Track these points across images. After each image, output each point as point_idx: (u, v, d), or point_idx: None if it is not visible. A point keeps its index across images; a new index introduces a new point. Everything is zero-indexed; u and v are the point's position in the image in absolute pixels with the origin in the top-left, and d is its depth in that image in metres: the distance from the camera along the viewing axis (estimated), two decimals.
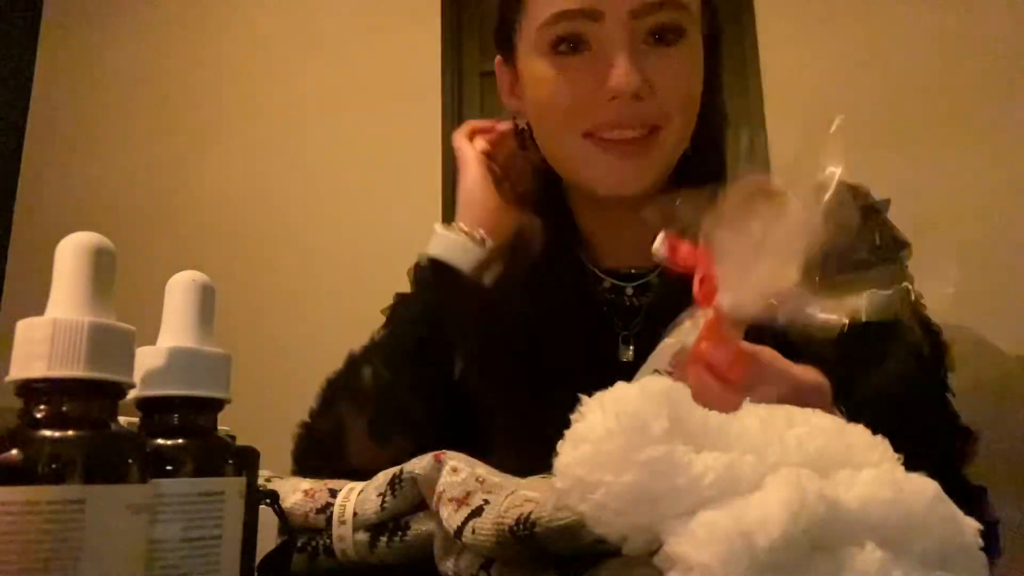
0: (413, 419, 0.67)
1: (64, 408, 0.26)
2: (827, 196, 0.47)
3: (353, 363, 0.73)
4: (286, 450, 0.73)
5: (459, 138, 0.75)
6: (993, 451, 0.66)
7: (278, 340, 2.11)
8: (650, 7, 0.60)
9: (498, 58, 0.72)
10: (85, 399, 0.26)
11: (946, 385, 0.63)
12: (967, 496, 0.61)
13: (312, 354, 2.09)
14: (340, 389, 0.72)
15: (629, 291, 0.69)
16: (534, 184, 0.73)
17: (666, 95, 0.61)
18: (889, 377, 0.59)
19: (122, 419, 0.28)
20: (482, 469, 0.45)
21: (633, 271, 0.69)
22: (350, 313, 2.12)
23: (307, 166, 2.23)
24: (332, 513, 0.48)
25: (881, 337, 0.59)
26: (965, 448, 0.62)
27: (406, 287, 0.75)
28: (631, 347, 0.66)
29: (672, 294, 0.51)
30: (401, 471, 0.48)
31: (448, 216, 2.42)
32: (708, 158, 0.66)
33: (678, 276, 0.45)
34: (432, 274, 0.70)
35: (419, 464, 0.47)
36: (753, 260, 0.42)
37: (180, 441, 0.30)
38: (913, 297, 0.60)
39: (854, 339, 0.56)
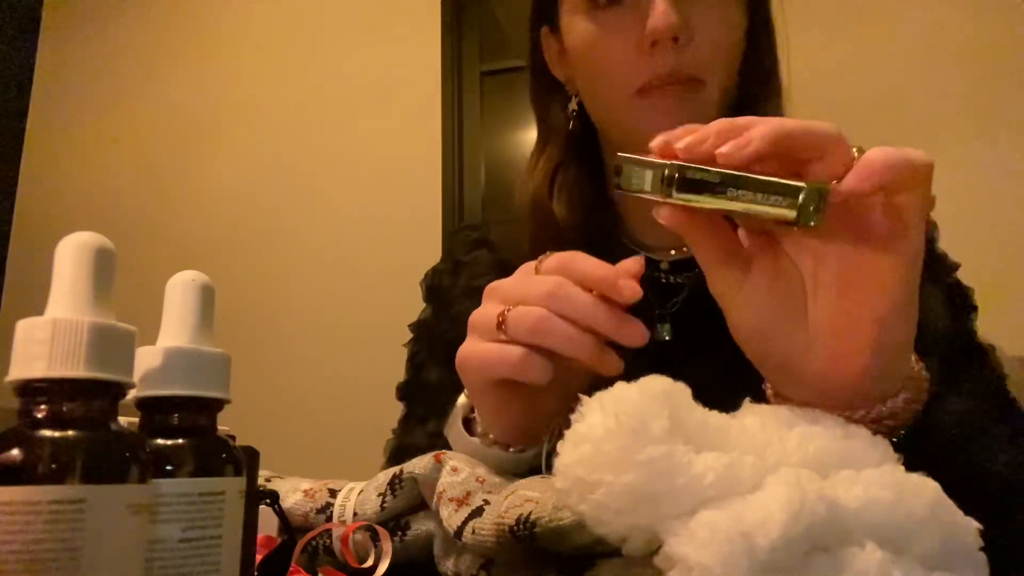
0: None
1: (64, 408, 0.26)
2: None
3: None
4: (286, 450, 0.73)
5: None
6: None
7: (278, 340, 2.11)
8: None
9: (544, 28, 0.70)
10: (85, 399, 0.26)
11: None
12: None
13: (312, 354, 2.09)
14: None
15: (664, 266, 0.66)
16: (565, 156, 0.70)
17: (706, 41, 0.59)
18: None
19: (122, 419, 0.28)
20: (482, 469, 0.45)
21: (673, 251, 0.67)
22: (350, 313, 2.12)
23: (307, 166, 2.23)
24: (332, 513, 0.48)
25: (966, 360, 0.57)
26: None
27: (406, 287, 0.74)
28: (667, 324, 0.63)
29: None
30: (401, 471, 0.48)
31: (448, 215, 2.39)
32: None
33: None
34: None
35: (419, 464, 0.47)
36: None
37: (180, 441, 0.30)
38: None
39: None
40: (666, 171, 0.36)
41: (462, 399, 0.52)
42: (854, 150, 0.34)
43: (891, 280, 0.34)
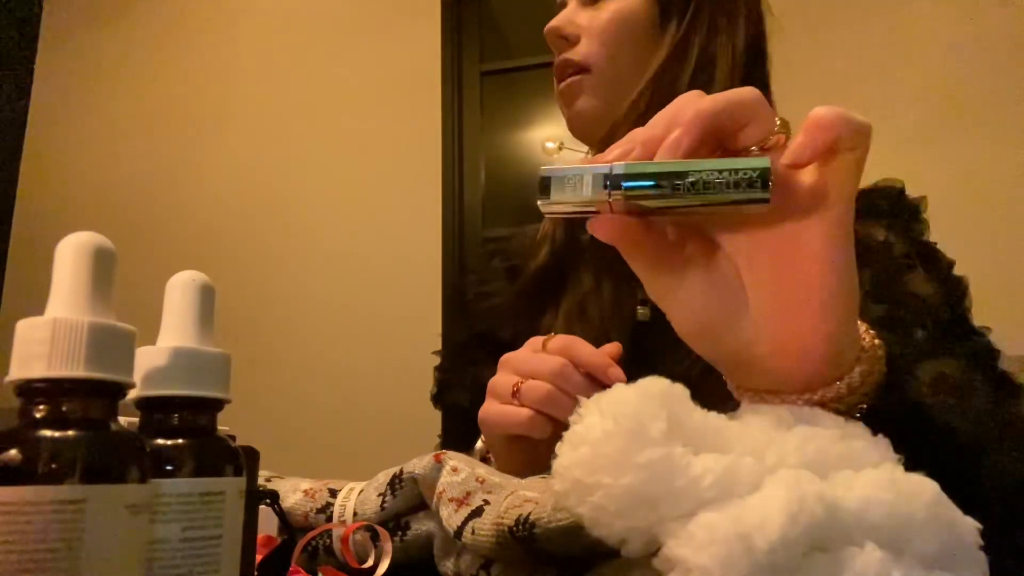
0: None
1: (64, 408, 0.26)
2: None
3: None
4: (286, 450, 0.74)
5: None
6: None
7: (278, 340, 2.11)
8: None
9: None
10: (85, 399, 0.26)
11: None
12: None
13: (312, 354, 2.09)
14: None
15: None
16: None
17: (593, 36, 0.71)
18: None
19: (122, 419, 0.28)
20: (482, 469, 0.45)
21: None
22: (350, 313, 2.12)
23: (307, 166, 2.23)
24: (332, 513, 0.48)
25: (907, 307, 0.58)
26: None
27: (406, 286, 0.77)
28: (648, 307, 0.68)
29: None
30: (401, 471, 0.48)
31: (448, 215, 2.40)
32: None
33: None
34: None
35: (419, 464, 0.47)
36: None
37: (180, 441, 0.30)
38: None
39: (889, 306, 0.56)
40: (611, 170, 0.33)
41: (479, 445, 0.64)
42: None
43: (821, 247, 0.33)
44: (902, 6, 1.81)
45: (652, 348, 0.64)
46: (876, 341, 0.38)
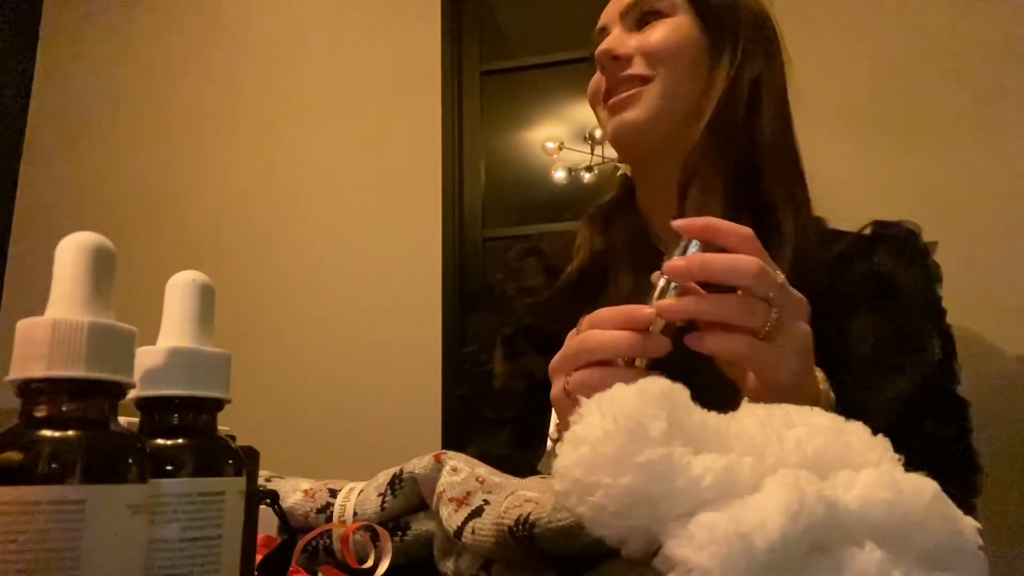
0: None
1: (64, 408, 0.26)
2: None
3: None
4: (286, 450, 0.74)
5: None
6: (993, 450, 0.67)
7: (278, 340, 2.11)
8: (632, 5, 0.77)
9: None
10: (85, 399, 0.26)
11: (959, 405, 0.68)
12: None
13: (312, 355, 2.09)
14: None
15: None
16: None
17: (642, 51, 0.75)
18: (902, 394, 0.64)
19: (122, 419, 0.28)
20: (482, 469, 0.45)
21: None
22: (350, 312, 2.12)
23: (307, 166, 2.23)
24: (332, 513, 0.48)
25: (901, 349, 0.65)
26: (972, 479, 0.65)
27: (405, 286, 0.78)
28: None
29: None
30: (401, 471, 0.48)
31: (448, 215, 2.40)
32: (740, 148, 0.75)
33: None
34: None
35: (419, 464, 0.47)
36: None
37: (180, 441, 0.30)
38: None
39: (880, 342, 0.61)
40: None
41: (551, 437, 0.64)
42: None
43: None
44: (902, 6, 1.81)
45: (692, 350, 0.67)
46: (830, 394, 0.55)
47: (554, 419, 0.62)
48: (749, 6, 0.78)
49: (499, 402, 0.78)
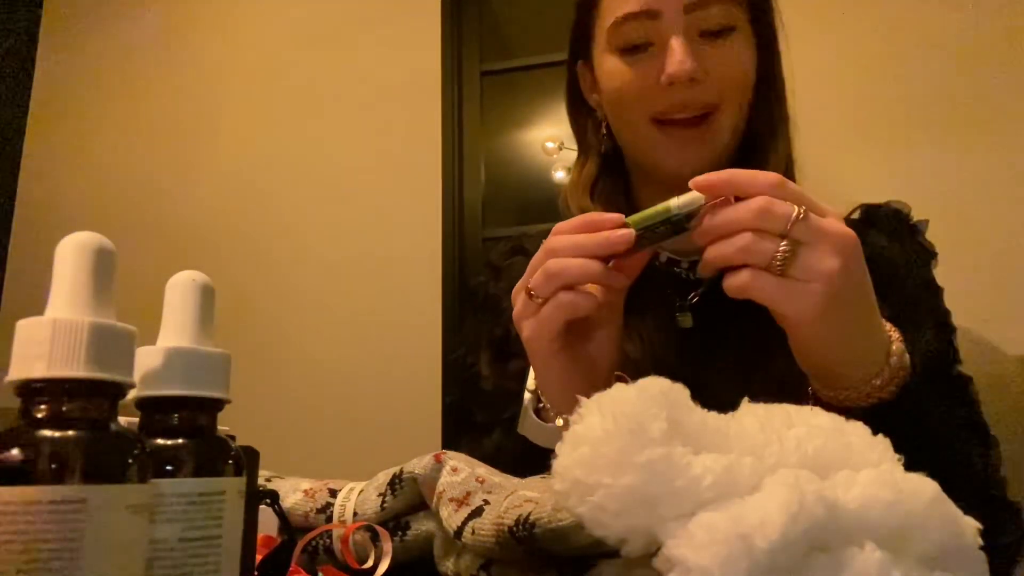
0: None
1: (64, 408, 0.26)
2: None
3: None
4: (286, 450, 0.74)
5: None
6: None
7: (278, 340, 2.11)
8: (701, 2, 0.67)
9: (580, 62, 0.82)
10: (85, 399, 0.26)
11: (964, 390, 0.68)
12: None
13: (312, 354, 2.09)
14: None
15: (684, 264, 0.73)
16: (601, 170, 0.80)
17: (719, 79, 0.68)
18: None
19: (122, 419, 0.28)
20: (482, 469, 0.45)
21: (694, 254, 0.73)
22: (350, 313, 2.12)
23: (307, 166, 2.23)
24: (332, 513, 0.48)
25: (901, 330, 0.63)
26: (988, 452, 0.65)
27: (405, 286, 0.77)
28: (688, 314, 0.71)
29: None
30: (401, 471, 0.48)
31: (448, 215, 2.39)
32: (767, 147, 0.73)
33: None
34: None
35: (419, 464, 0.47)
36: None
37: (180, 441, 0.30)
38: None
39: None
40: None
41: (527, 396, 0.61)
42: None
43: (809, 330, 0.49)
44: (902, 6, 1.81)
45: (696, 353, 0.67)
46: (904, 359, 0.53)
47: (531, 373, 0.60)
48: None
49: (490, 404, 0.75)
